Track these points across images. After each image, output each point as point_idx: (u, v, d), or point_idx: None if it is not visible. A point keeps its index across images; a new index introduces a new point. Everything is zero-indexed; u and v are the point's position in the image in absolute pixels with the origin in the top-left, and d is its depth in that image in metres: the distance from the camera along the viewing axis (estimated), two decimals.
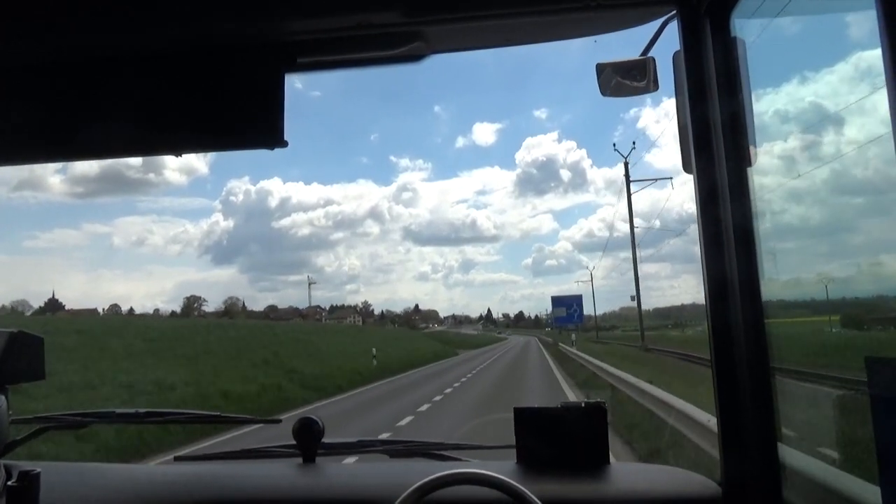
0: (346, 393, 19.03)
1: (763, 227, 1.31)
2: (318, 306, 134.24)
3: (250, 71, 1.39)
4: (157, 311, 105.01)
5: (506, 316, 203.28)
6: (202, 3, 1.34)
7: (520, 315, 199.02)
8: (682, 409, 7.45)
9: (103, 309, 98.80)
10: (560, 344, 42.84)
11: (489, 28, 1.41)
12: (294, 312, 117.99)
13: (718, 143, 1.31)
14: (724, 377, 1.31)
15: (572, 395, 14.20)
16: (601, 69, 1.44)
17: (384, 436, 7.20)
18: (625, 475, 1.47)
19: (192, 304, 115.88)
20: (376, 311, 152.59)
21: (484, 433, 1.98)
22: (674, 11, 1.35)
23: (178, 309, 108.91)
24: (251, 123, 1.37)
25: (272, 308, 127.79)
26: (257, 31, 1.39)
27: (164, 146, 1.47)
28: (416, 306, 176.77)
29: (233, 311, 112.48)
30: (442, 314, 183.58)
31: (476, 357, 42.01)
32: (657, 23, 1.39)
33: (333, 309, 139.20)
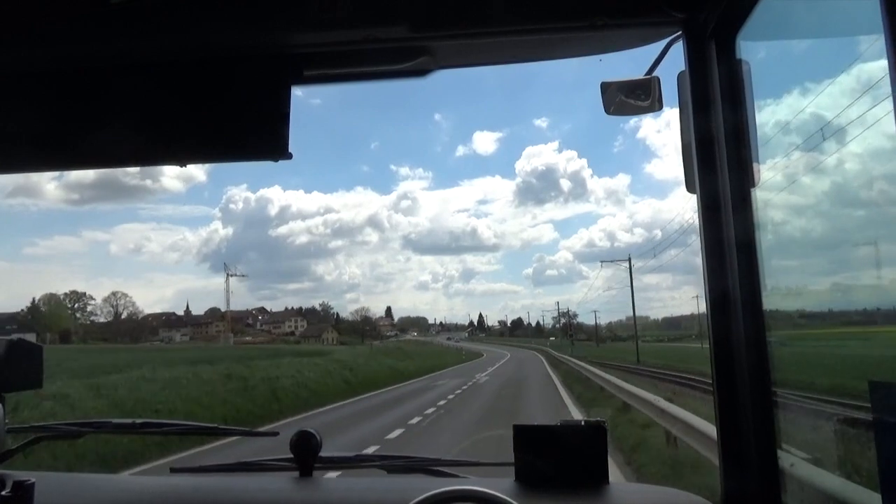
0: None
1: (766, 245, 1.31)
2: (262, 308, 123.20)
3: (257, 83, 1.39)
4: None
5: (501, 323, 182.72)
6: (211, 14, 1.34)
7: (517, 322, 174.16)
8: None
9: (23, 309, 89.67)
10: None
11: (495, 45, 1.42)
12: (218, 315, 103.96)
13: (722, 162, 1.31)
14: (725, 395, 1.30)
15: None
16: (605, 87, 1.44)
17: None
18: (623, 495, 1.46)
19: (74, 301, 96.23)
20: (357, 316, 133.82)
21: (482, 450, 1.95)
22: (679, 32, 1.36)
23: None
24: (257, 135, 1.37)
25: (213, 311, 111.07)
26: (265, 43, 1.40)
27: (168, 156, 1.47)
28: (388, 309, 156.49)
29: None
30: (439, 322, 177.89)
31: None
32: (662, 42, 1.40)
33: (291, 311, 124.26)
